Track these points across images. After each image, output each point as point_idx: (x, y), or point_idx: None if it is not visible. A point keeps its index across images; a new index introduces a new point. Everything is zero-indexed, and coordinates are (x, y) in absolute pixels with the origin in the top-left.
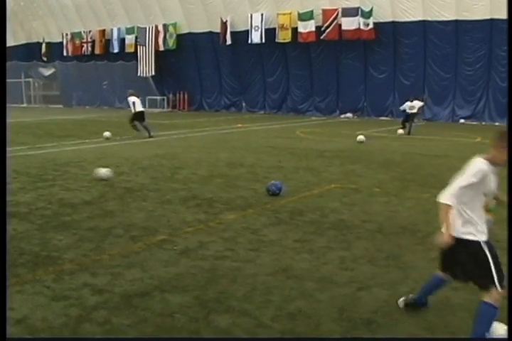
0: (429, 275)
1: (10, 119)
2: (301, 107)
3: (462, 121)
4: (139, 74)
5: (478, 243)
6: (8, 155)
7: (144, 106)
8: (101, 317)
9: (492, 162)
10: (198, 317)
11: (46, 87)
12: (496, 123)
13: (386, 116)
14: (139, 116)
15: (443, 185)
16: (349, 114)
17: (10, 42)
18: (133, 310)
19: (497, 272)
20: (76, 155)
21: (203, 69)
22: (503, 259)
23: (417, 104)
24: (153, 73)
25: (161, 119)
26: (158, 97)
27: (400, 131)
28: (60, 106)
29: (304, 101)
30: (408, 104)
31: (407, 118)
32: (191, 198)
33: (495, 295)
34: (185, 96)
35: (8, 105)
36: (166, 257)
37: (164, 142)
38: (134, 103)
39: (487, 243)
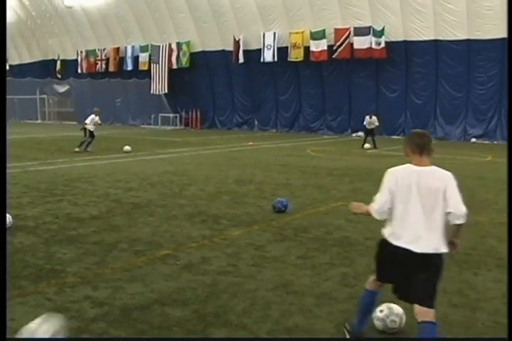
0: None
1: (24, 135)
2: (313, 126)
3: (474, 140)
4: (152, 92)
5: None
6: (18, 170)
7: (156, 123)
8: (99, 329)
9: None
10: (196, 331)
11: (60, 103)
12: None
13: (398, 135)
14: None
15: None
16: (361, 133)
17: (26, 59)
18: (131, 323)
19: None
20: (87, 170)
21: (215, 87)
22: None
23: (375, 120)
24: (166, 91)
25: (174, 137)
26: (171, 115)
27: (367, 145)
28: (74, 122)
29: (315, 120)
30: (367, 119)
31: (367, 132)
32: (197, 214)
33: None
34: (198, 113)
35: (22, 121)
36: (168, 271)
37: (175, 159)
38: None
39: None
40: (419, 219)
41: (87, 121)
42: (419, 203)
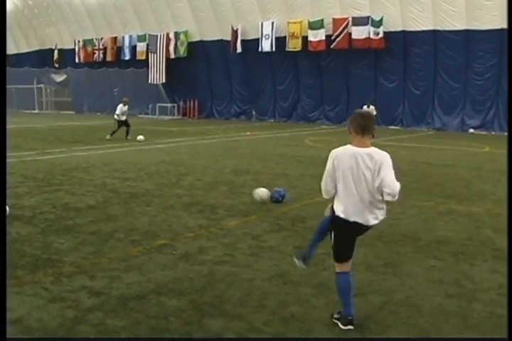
0: (425, 283)
1: (21, 125)
2: (311, 116)
3: (472, 130)
4: (149, 82)
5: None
6: (15, 160)
7: (154, 113)
8: (96, 319)
9: None
10: (192, 321)
11: (58, 93)
12: (506, 133)
13: (396, 125)
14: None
15: (447, 193)
16: None
17: (23, 48)
18: (128, 313)
19: None
20: (84, 160)
21: (213, 77)
22: (503, 260)
23: (372, 110)
24: (163, 80)
25: (171, 126)
26: (169, 104)
27: None
28: (72, 112)
29: (314, 110)
30: (365, 108)
31: None
32: (194, 204)
33: None
34: (196, 103)
35: (20, 111)
36: (165, 261)
37: (172, 149)
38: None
39: None
40: (359, 196)
41: (117, 112)
42: (358, 182)
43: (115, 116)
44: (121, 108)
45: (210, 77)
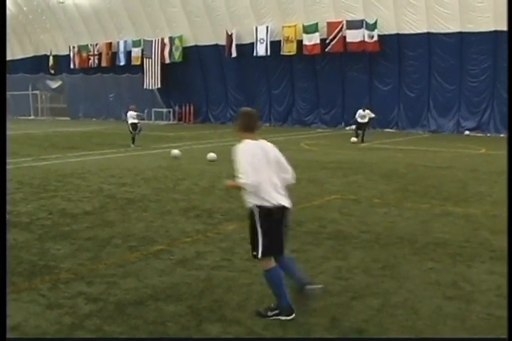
0: (423, 285)
1: (17, 131)
2: (307, 119)
3: (467, 132)
4: (145, 87)
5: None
6: (11, 166)
7: (150, 118)
8: (93, 325)
9: None
10: (190, 326)
11: (53, 99)
12: (501, 135)
13: (391, 127)
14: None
15: (444, 195)
16: (354, 126)
17: (18, 54)
18: (126, 319)
19: None
20: (80, 166)
21: (208, 81)
22: (503, 269)
23: (368, 113)
24: (159, 86)
25: (167, 131)
26: (164, 110)
27: (354, 138)
28: (67, 118)
29: (309, 114)
30: (360, 112)
31: (359, 126)
32: (191, 209)
33: None
34: (191, 108)
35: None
36: (162, 267)
37: (169, 154)
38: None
39: None
40: (276, 182)
41: (129, 119)
42: (272, 170)
43: (129, 121)
44: (131, 115)
45: (206, 82)
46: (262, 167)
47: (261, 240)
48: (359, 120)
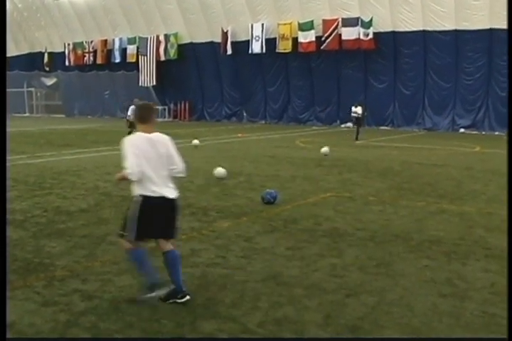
0: (418, 283)
1: (12, 128)
2: (302, 117)
3: (462, 130)
4: (140, 84)
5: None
6: (6, 164)
7: None
8: (88, 323)
9: None
10: (185, 323)
11: (48, 96)
12: (496, 133)
13: (386, 125)
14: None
15: (439, 193)
16: (350, 124)
17: (13, 52)
18: (120, 316)
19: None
20: (75, 164)
21: (204, 79)
22: (498, 267)
23: (359, 109)
24: (154, 83)
25: (162, 129)
26: (160, 107)
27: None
28: (62, 115)
29: (304, 111)
30: (353, 109)
31: (356, 121)
32: (186, 206)
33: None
34: (187, 106)
35: (10, 114)
36: (158, 264)
37: None
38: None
39: None
40: (159, 173)
41: (129, 113)
42: (159, 162)
43: (127, 117)
44: (133, 109)
45: (201, 79)
46: (146, 158)
47: (136, 225)
48: (354, 115)
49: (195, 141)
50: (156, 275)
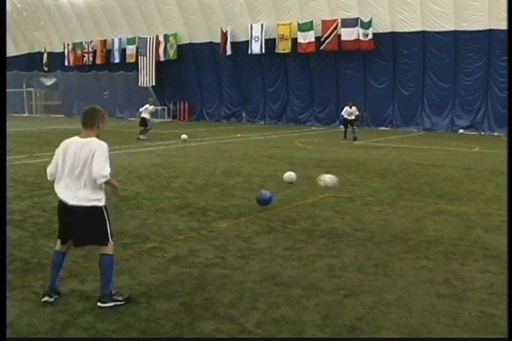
0: (416, 283)
1: (11, 129)
2: (301, 117)
3: (461, 131)
4: (139, 85)
5: (102, 208)
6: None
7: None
8: (86, 323)
9: (97, 138)
10: (183, 323)
11: (47, 96)
12: (495, 133)
13: (385, 126)
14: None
15: (437, 193)
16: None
17: (12, 52)
18: (119, 316)
19: (110, 229)
20: None
21: (203, 79)
22: (496, 267)
23: (355, 110)
24: (153, 83)
25: (161, 129)
26: (159, 107)
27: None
28: (62, 115)
29: (303, 112)
30: (347, 109)
31: (347, 124)
32: (185, 206)
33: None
34: (186, 106)
35: (9, 115)
36: (156, 264)
37: (163, 151)
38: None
39: (106, 207)
40: (66, 177)
41: (141, 109)
42: (71, 166)
43: (139, 115)
44: (146, 108)
45: (200, 80)
46: (62, 162)
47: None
48: (346, 117)
49: (184, 136)
50: (56, 284)
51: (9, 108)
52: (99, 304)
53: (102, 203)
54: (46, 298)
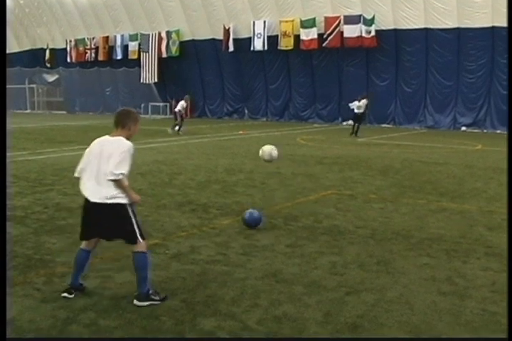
0: (418, 281)
1: (13, 125)
2: (303, 114)
3: (464, 128)
4: (141, 81)
5: (126, 205)
6: (7, 160)
7: (146, 112)
8: (88, 319)
9: (127, 139)
10: (184, 320)
11: (50, 93)
12: (498, 131)
13: (388, 123)
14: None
15: (440, 191)
16: (351, 122)
17: (14, 48)
18: (120, 313)
19: (138, 227)
20: (76, 160)
21: (205, 76)
22: (498, 265)
23: (363, 104)
24: (156, 80)
25: (163, 126)
26: (161, 104)
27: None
28: (64, 112)
29: (306, 109)
30: (356, 103)
31: (356, 118)
32: (187, 203)
33: (143, 245)
34: (188, 102)
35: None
36: (157, 261)
37: (165, 148)
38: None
39: (131, 204)
40: (93, 175)
41: (179, 107)
42: (96, 163)
43: (177, 111)
44: (182, 104)
45: (202, 76)
46: (89, 160)
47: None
48: (356, 110)
49: (169, 131)
50: (77, 282)
51: (11, 104)
52: (135, 302)
53: (125, 200)
54: (65, 294)
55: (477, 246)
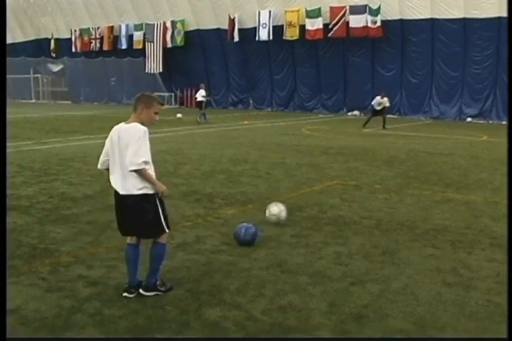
0: (423, 271)
1: (18, 115)
2: (308, 105)
3: (469, 119)
4: (146, 71)
5: (153, 195)
6: (12, 150)
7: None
8: (93, 309)
9: (142, 124)
10: (189, 310)
11: (55, 83)
12: (503, 122)
13: (393, 114)
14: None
15: (445, 182)
16: (356, 112)
17: (19, 38)
18: (125, 302)
19: (165, 219)
20: (81, 150)
21: (210, 66)
22: (503, 256)
23: (386, 101)
24: (160, 70)
25: (168, 116)
26: (166, 94)
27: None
28: (68, 102)
29: (311, 99)
30: (378, 99)
31: (375, 113)
32: (192, 193)
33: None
34: (193, 92)
35: (16, 101)
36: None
37: (170, 138)
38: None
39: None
40: (117, 166)
41: (200, 97)
42: (118, 153)
43: (200, 99)
44: (201, 93)
45: (207, 66)
46: (110, 150)
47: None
48: (376, 107)
49: (179, 115)
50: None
51: (16, 94)
52: (141, 291)
53: (152, 191)
54: (125, 294)
55: (482, 237)
